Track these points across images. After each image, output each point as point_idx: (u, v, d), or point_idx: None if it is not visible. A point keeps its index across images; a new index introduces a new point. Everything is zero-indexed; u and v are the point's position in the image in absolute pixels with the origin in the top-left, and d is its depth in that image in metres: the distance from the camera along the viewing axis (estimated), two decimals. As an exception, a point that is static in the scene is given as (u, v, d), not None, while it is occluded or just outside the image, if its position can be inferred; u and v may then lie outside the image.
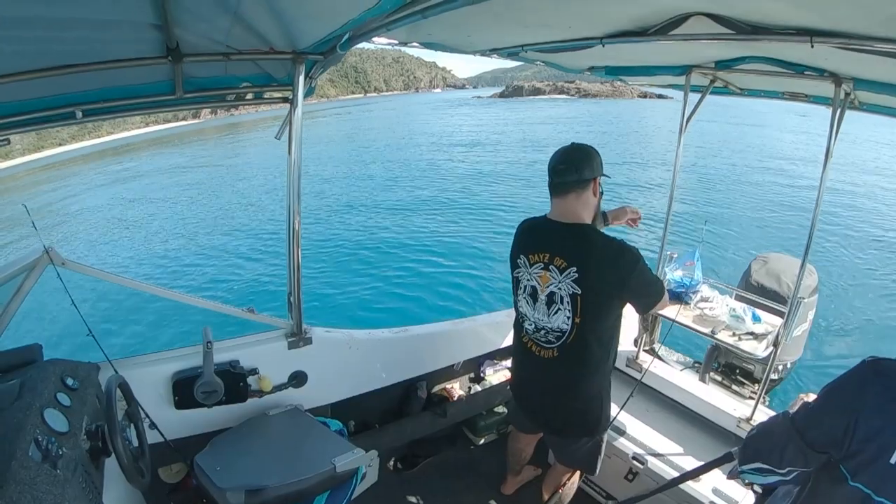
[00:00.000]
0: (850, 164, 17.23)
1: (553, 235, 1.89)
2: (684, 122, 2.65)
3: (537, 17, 1.71)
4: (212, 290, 9.00)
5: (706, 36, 1.58)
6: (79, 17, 1.17)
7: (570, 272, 1.80)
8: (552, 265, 1.85)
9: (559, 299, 1.85)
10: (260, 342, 2.43)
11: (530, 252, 1.92)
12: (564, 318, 1.85)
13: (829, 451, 1.13)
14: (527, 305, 1.97)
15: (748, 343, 2.50)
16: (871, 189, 14.76)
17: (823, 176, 2.26)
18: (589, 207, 1.91)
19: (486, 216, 12.75)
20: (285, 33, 1.65)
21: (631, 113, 45.70)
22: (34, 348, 1.74)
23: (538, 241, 1.93)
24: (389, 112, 57.22)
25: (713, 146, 21.97)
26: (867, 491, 1.05)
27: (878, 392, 1.06)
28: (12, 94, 1.56)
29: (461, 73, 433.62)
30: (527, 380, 2.17)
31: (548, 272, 1.86)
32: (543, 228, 1.94)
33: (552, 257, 1.85)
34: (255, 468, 1.97)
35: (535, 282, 1.91)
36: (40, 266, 1.91)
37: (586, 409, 2.01)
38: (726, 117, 29.51)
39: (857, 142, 21.07)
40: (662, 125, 33.34)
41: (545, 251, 1.88)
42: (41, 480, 1.13)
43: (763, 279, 3.36)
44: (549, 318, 1.89)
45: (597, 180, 1.90)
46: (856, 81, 1.96)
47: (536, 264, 1.90)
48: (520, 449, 2.58)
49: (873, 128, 22.51)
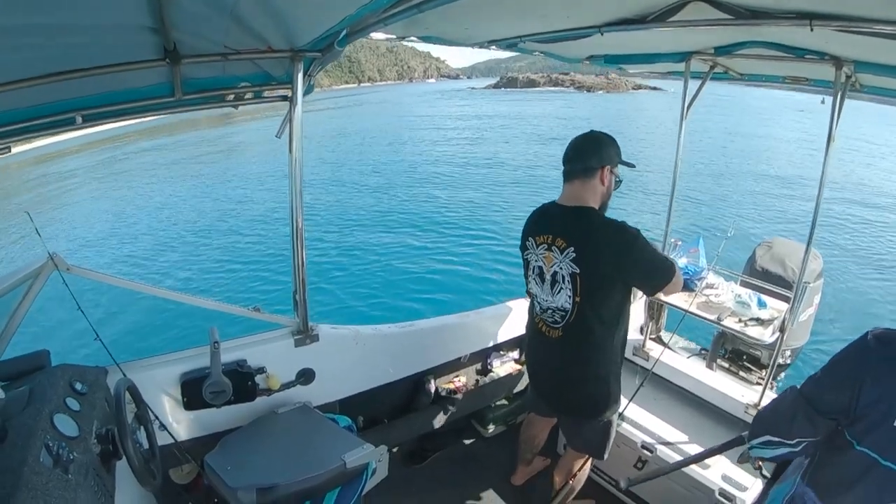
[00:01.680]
0: (854, 148, 17.11)
1: (556, 218, 1.97)
2: (685, 109, 2.64)
3: (535, 7, 1.71)
4: (217, 290, 9.01)
5: (705, 22, 1.57)
6: (76, 23, 1.17)
7: (568, 252, 1.87)
8: (554, 246, 1.92)
9: (561, 279, 1.91)
10: (266, 341, 2.43)
11: (536, 234, 2.00)
12: (566, 297, 1.92)
13: (837, 417, 1.15)
14: (536, 286, 2.04)
15: (754, 329, 2.50)
16: (875, 172, 14.67)
17: (826, 160, 2.25)
18: (595, 194, 1.94)
19: (490, 209, 12.74)
20: (283, 32, 1.65)
21: (626, 105, 45.46)
22: (42, 354, 1.75)
23: (544, 223, 2.00)
24: (382, 106, 56.64)
25: (715, 134, 21.84)
26: (874, 455, 1.09)
27: (881, 360, 1.10)
28: (12, 101, 1.56)
29: (455, 64, 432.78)
30: (539, 361, 2.24)
31: (551, 252, 1.93)
32: (550, 212, 2.02)
33: (554, 238, 1.92)
34: (266, 466, 1.98)
35: (542, 262, 1.98)
36: (45, 272, 1.92)
37: (594, 389, 2.04)
38: (726, 109, 29.36)
39: (863, 126, 20.93)
40: (656, 115, 33.17)
41: (549, 233, 1.95)
42: (53, 486, 1.14)
43: (768, 264, 3.35)
44: (553, 297, 1.96)
45: (605, 169, 1.92)
46: (857, 64, 1.95)
47: (542, 245, 1.97)
48: (533, 435, 2.61)
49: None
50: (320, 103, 15.77)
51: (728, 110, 29.68)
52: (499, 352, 3.31)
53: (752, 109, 32.41)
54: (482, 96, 72.87)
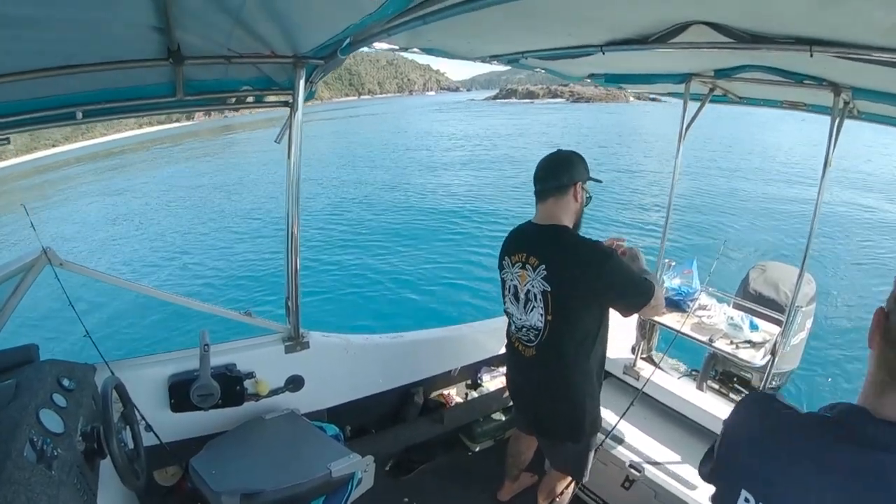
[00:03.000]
0: (850, 172, 17.19)
1: (531, 237, 1.99)
2: (683, 131, 2.66)
3: (537, 24, 1.72)
4: (209, 292, 8.98)
5: (706, 45, 1.58)
6: (80, 18, 1.17)
7: (540, 269, 1.87)
8: (527, 264, 1.92)
9: (533, 297, 1.91)
10: (257, 346, 2.42)
11: (512, 253, 2.01)
12: (538, 315, 1.91)
13: None
14: (511, 305, 2.04)
15: (746, 351, 2.50)
16: (870, 196, 14.76)
17: (822, 184, 2.26)
18: (569, 212, 1.95)
19: (484, 225, 12.73)
20: (286, 37, 1.66)
21: (625, 116, 45.66)
22: (31, 348, 1.75)
23: (519, 242, 2.02)
24: (383, 118, 56.61)
25: (712, 153, 21.94)
26: None
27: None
28: (13, 93, 1.56)
29: (455, 76, 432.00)
30: (516, 380, 2.24)
31: (525, 271, 1.94)
32: (525, 231, 2.04)
33: (528, 257, 1.93)
34: (251, 472, 1.96)
35: (517, 281, 1.98)
36: (38, 266, 1.91)
37: (569, 411, 2.00)
38: (724, 123, 29.44)
39: (858, 150, 21.00)
40: (655, 128, 33.24)
41: (523, 251, 1.95)
42: (36, 481, 1.13)
43: (761, 287, 3.35)
44: (526, 315, 1.96)
45: (577, 185, 1.93)
46: (854, 90, 1.97)
47: (517, 264, 1.97)
48: (520, 451, 2.58)
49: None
50: (318, 115, 15.49)
51: (728, 122, 29.75)
52: (489, 366, 3.30)
53: (753, 120, 32.41)
54: (480, 108, 72.95)
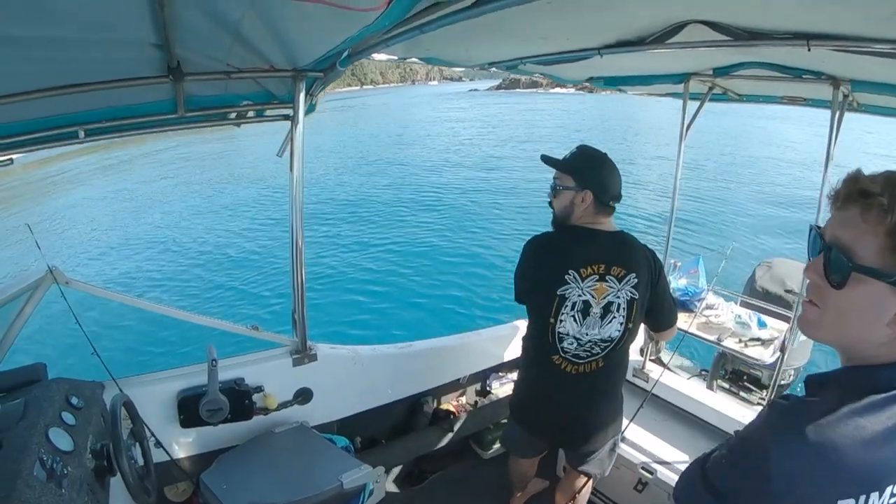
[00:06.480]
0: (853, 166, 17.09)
1: (605, 245, 1.84)
2: (684, 130, 2.66)
3: (535, 29, 1.72)
4: (216, 307, 8.98)
5: (704, 43, 1.59)
6: (79, 37, 1.18)
7: (629, 278, 1.79)
8: (609, 275, 1.79)
9: (616, 308, 1.81)
10: (265, 359, 2.42)
11: (582, 266, 1.79)
12: (618, 325, 1.83)
13: None
14: (571, 323, 1.83)
15: (755, 349, 2.49)
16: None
17: (825, 178, 2.26)
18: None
19: (496, 229, 12.67)
20: (285, 51, 1.67)
21: (629, 106, 45.49)
22: (38, 367, 1.74)
23: (588, 253, 1.81)
24: (385, 108, 56.36)
25: (714, 149, 21.86)
26: None
27: None
28: (15, 113, 1.57)
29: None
30: (548, 400, 2.02)
31: (604, 283, 1.79)
32: (591, 239, 1.85)
33: (608, 267, 1.79)
34: (262, 486, 1.96)
35: (589, 295, 1.80)
36: (44, 285, 1.92)
37: (613, 413, 2.05)
38: (729, 117, 29.30)
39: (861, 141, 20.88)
40: (657, 118, 33.04)
41: (600, 262, 1.79)
42: (46, 500, 1.13)
43: (768, 284, 3.35)
44: (600, 329, 1.83)
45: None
46: (854, 83, 1.97)
47: (590, 277, 1.79)
48: (523, 471, 2.50)
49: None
50: (320, 106, 15.69)
51: (730, 117, 29.61)
52: (498, 373, 3.28)
53: (756, 113, 32.25)
54: (483, 98, 72.28)
